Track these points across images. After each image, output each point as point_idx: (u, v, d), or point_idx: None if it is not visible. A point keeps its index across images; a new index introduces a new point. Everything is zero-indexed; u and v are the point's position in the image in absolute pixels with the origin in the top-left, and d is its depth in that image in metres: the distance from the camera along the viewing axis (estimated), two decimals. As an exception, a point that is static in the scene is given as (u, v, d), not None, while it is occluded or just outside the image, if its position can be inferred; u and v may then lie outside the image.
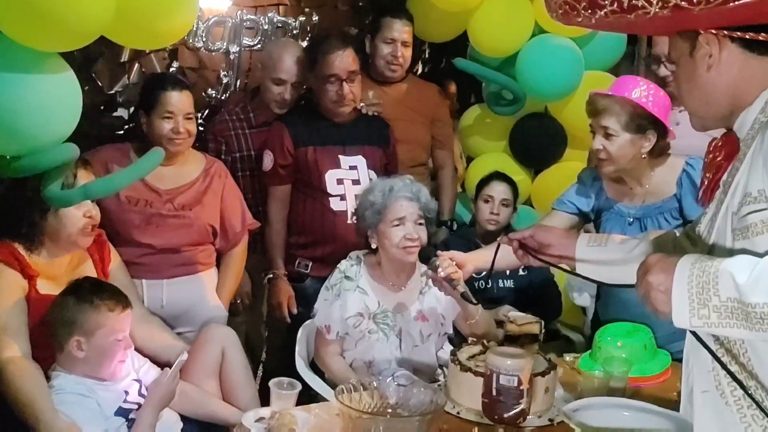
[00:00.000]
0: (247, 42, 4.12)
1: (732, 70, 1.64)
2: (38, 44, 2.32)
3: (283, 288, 3.59)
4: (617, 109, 2.84)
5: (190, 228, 3.31)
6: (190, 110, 3.23)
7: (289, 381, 2.49)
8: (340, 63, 3.50)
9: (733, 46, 1.62)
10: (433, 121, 4.25)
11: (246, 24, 4.11)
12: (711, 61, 1.64)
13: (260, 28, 4.15)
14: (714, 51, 1.64)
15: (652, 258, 1.57)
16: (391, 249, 2.93)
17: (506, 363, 2.20)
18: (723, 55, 1.63)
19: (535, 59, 4.08)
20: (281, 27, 4.21)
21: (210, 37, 4.02)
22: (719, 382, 1.64)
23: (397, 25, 4.01)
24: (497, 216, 3.81)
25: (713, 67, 1.65)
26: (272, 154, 3.59)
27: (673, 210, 2.90)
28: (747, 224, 1.55)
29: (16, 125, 2.34)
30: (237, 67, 4.13)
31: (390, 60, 4.02)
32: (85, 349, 2.61)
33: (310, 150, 3.58)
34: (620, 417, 2.15)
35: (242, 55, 4.13)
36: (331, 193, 3.55)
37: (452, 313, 3.02)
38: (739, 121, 1.67)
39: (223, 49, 4.07)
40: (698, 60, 1.66)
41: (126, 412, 2.67)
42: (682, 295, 1.49)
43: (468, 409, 2.46)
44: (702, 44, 1.64)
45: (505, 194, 3.85)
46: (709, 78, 1.66)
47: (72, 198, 2.64)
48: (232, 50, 4.09)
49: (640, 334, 2.86)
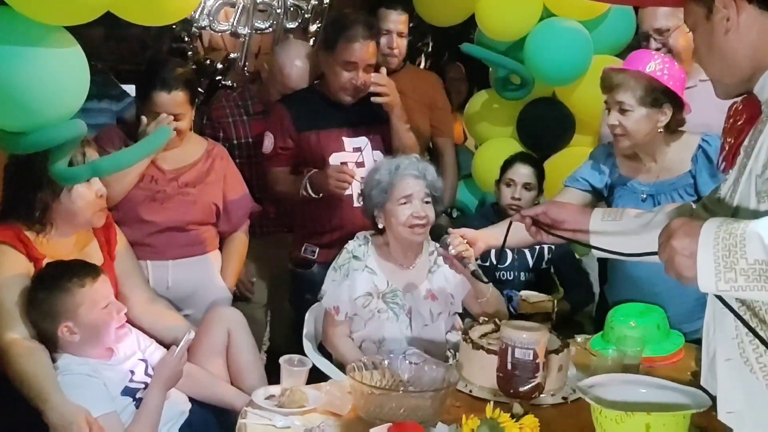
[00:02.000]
0: (258, 25, 4.08)
1: (751, 32, 1.62)
2: (45, 18, 2.29)
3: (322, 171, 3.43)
4: (632, 83, 2.82)
5: (195, 205, 3.30)
6: (180, 111, 3.17)
7: (299, 358, 2.48)
8: (362, 53, 3.43)
9: (750, 7, 1.61)
10: (431, 109, 4.24)
11: (259, 6, 4.07)
12: (729, 25, 1.62)
13: (273, 11, 4.11)
14: (731, 14, 1.62)
15: (676, 222, 1.53)
16: (398, 228, 2.90)
17: (522, 336, 2.17)
18: (741, 18, 1.61)
19: (544, 43, 4.03)
20: (294, 10, 4.17)
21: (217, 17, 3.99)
22: (743, 349, 1.61)
23: (393, 15, 4.03)
24: (518, 200, 3.74)
25: (731, 30, 1.63)
26: (273, 137, 3.55)
27: (687, 186, 2.88)
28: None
29: (22, 100, 2.30)
30: (246, 49, 4.09)
31: (386, 51, 4.00)
32: (77, 332, 2.58)
33: (313, 134, 3.54)
34: (636, 393, 2.10)
35: (253, 37, 4.10)
36: None
37: (462, 292, 2.99)
38: (760, 83, 1.65)
39: (230, 30, 4.04)
40: (716, 24, 1.64)
41: (133, 391, 2.64)
42: (707, 258, 1.46)
43: (480, 387, 2.44)
44: (719, 8, 1.63)
45: (527, 177, 3.78)
46: (728, 42, 1.64)
47: (80, 175, 2.62)
48: (241, 32, 4.05)
49: (652, 314, 2.83)
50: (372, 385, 2.28)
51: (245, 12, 4.05)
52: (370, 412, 2.22)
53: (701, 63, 1.76)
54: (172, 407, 2.70)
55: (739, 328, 1.60)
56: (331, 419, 2.28)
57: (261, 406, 2.34)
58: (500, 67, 4.27)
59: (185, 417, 2.76)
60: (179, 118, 3.16)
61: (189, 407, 2.79)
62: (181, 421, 2.73)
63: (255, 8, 4.07)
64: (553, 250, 3.73)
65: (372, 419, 2.19)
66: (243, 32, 4.08)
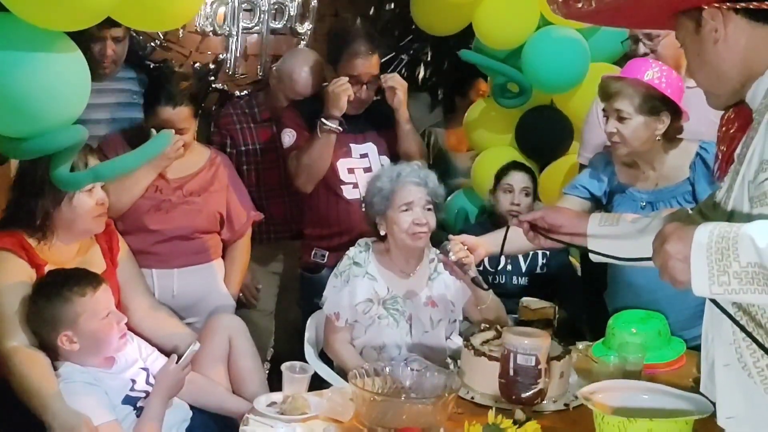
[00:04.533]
0: (244, 24, 4.08)
1: (740, 42, 1.64)
2: (45, 23, 2.29)
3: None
4: (630, 91, 2.82)
5: (200, 214, 3.32)
6: (184, 125, 3.19)
7: (301, 365, 2.49)
8: (364, 67, 3.44)
9: (738, 17, 1.63)
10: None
11: (244, 6, 4.08)
12: (717, 36, 1.65)
13: (257, 9, 4.11)
14: (719, 25, 1.64)
15: (669, 227, 1.55)
16: (399, 235, 2.90)
17: (524, 342, 2.18)
18: (729, 28, 1.64)
19: (541, 51, 4.04)
20: (278, 9, 4.17)
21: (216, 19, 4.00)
22: (741, 354, 1.62)
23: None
24: (518, 206, 3.76)
25: (720, 41, 1.65)
26: (293, 130, 3.52)
27: (686, 194, 2.88)
28: (764, 191, 1.53)
29: (23, 106, 2.30)
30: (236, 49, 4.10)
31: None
32: (78, 341, 2.57)
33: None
34: (638, 399, 2.10)
35: (239, 37, 4.10)
36: (343, 181, 3.52)
37: (462, 299, 2.99)
38: (751, 92, 1.67)
39: (226, 32, 4.05)
40: (705, 36, 1.67)
41: (133, 400, 2.64)
42: (701, 262, 1.46)
43: (482, 394, 2.44)
44: (707, 20, 1.65)
45: (525, 182, 3.82)
46: (718, 53, 1.66)
47: (81, 180, 2.62)
48: (232, 32, 4.07)
49: (654, 321, 2.83)
50: (374, 392, 2.28)
51: (232, 11, 4.04)
52: (372, 418, 2.22)
53: (693, 75, 1.79)
54: (174, 414, 2.69)
55: (737, 333, 1.60)
56: (333, 426, 2.28)
57: (263, 413, 2.34)
58: (499, 75, 4.28)
59: (186, 424, 2.75)
60: (183, 132, 3.19)
61: (190, 414, 2.79)
62: (183, 429, 2.73)
63: (240, 7, 4.06)
64: (547, 255, 3.74)
65: (374, 426, 2.19)
66: (233, 32, 4.07)
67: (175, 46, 4.01)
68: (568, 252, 3.82)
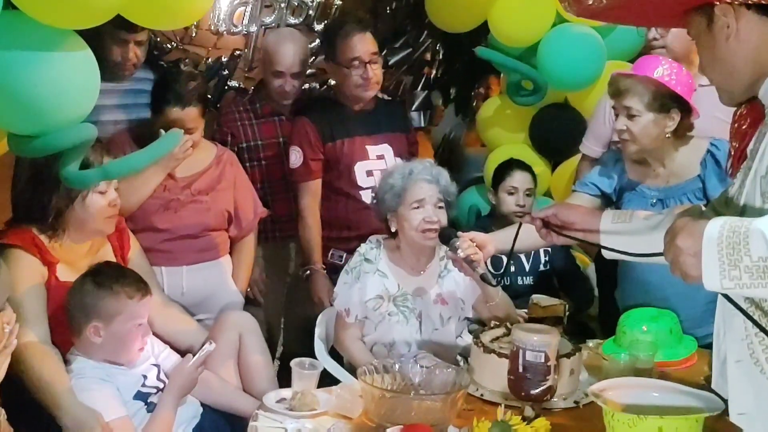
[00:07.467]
0: (264, 20, 4.08)
1: (752, 38, 1.64)
2: (55, 21, 2.29)
3: (322, 282, 3.53)
4: (640, 88, 2.82)
5: (208, 212, 3.32)
6: (193, 125, 3.19)
7: (310, 361, 2.49)
8: (362, 45, 3.46)
9: (749, 13, 1.63)
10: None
11: (265, 2, 4.08)
12: (729, 32, 1.65)
13: (278, 6, 4.11)
14: (731, 21, 1.64)
15: (680, 222, 1.54)
16: (410, 232, 2.90)
17: (533, 339, 2.17)
18: (741, 24, 1.64)
19: (557, 49, 4.04)
20: (299, 6, 4.16)
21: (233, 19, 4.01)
22: (753, 350, 1.61)
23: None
24: (523, 207, 3.75)
25: (732, 37, 1.65)
26: (301, 150, 3.55)
27: (696, 191, 2.87)
28: None
29: (33, 104, 2.30)
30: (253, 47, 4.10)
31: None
32: (103, 335, 2.59)
33: (338, 143, 3.56)
34: (649, 397, 2.10)
35: (260, 34, 4.10)
36: (362, 186, 3.54)
37: (472, 297, 2.98)
38: (763, 88, 1.68)
39: (243, 31, 4.05)
40: (717, 33, 1.67)
41: (144, 396, 2.65)
42: (712, 257, 1.46)
43: (492, 390, 2.44)
44: (719, 16, 1.66)
45: (528, 183, 3.82)
46: (730, 49, 1.66)
47: (90, 179, 2.62)
48: (252, 31, 4.06)
49: (665, 319, 2.82)
50: (383, 389, 2.28)
51: (253, 8, 4.04)
52: (381, 415, 2.22)
53: (706, 72, 1.78)
54: (185, 411, 2.71)
55: (749, 329, 1.60)
56: (341, 422, 2.29)
57: (272, 409, 2.35)
58: (515, 72, 4.27)
59: (197, 421, 2.76)
60: (192, 132, 3.19)
61: (201, 411, 2.80)
62: (193, 425, 2.74)
63: (262, 4, 4.06)
64: (549, 252, 3.73)
65: (383, 422, 2.19)
66: (252, 30, 4.07)
67: (191, 47, 4.02)
68: (569, 246, 3.81)
